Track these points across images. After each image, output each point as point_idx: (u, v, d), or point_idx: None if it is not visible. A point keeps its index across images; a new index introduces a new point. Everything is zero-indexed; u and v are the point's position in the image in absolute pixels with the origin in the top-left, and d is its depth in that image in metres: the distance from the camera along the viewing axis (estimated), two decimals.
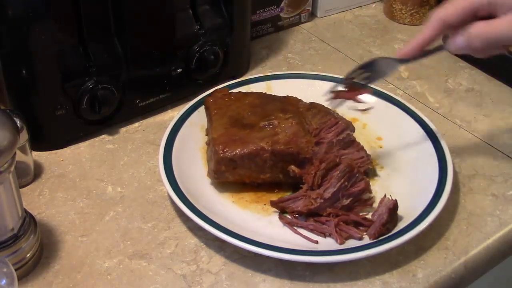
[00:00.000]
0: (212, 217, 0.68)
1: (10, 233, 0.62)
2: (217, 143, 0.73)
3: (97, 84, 0.78)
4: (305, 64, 1.00)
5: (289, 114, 0.77)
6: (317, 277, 0.66)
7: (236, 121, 0.77)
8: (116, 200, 0.75)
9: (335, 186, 0.70)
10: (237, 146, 0.73)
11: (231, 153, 0.72)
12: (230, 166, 0.72)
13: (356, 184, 0.70)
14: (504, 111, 0.91)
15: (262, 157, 0.72)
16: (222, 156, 0.72)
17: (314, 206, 0.70)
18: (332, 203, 0.70)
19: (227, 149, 0.72)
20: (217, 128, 0.76)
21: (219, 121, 0.77)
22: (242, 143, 0.73)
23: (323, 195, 0.70)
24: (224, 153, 0.72)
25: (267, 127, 0.75)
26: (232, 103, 0.80)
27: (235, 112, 0.78)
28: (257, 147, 0.72)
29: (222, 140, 0.74)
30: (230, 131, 0.75)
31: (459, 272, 0.68)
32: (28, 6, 0.71)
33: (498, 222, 0.73)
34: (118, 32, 0.80)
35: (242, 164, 0.72)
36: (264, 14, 1.04)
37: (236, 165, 0.72)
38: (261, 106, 0.80)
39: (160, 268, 0.66)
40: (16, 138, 0.59)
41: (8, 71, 0.76)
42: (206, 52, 0.87)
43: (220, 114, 0.78)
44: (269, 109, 0.79)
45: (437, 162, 0.75)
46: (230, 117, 0.78)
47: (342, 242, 0.67)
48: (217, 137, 0.74)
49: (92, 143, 0.83)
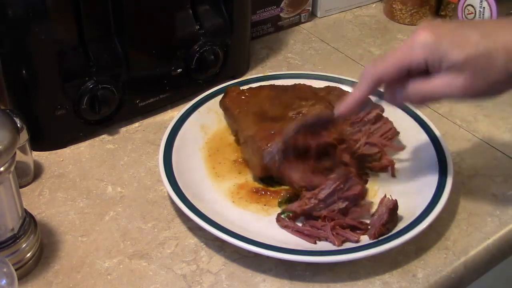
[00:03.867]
0: (212, 217, 0.68)
1: (10, 233, 0.62)
2: (258, 139, 0.74)
3: (97, 84, 0.79)
4: (305, 64, 1.00)
5: (311, 100, 0.78)
6: (317, 277, 0.66)
7: (262, 116, 0.78)
8: (116, 200, 0.75)
9: (330, 188, 0.70)
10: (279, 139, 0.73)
11: (276, 146, 0.72)
12: (276, 161, 0.72)
13: (352, 188, 0.70)
14: (504, 111, 0.91)
15: (307, 145, 0.72)
16: (268, 151, 0.72)
17: (308, 206, 0.70)
18: (327, 206, 0.70)
19: (270, 143, 0.73)
20: (248, 126, 0.77)
21: (246, 118, 0.78)
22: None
23: (317, 195, 0.70)
24: (269, 147, 0.72)
25: (298, 117, 0.76)
26: (250, 99, 0.81)
27: (257, 107, 0.79)
28: None
29: (262, 136, 0.74)
30: (264, 126, 0.75)
31: (459, 272, 0.68)
32: (28, 6, 0.71)
33: (498, 222, 0.73)
34: (118, 32, 0.80)
35: (288, 157, 0.72)
36: (264, 14, 1.04)
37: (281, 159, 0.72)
38: (278, 97, 0.81)
39: (160, 268, 0.66)
40: (16, 138, 0.59)
41: (8, 71, 0.76)
42: (206, 52, 0.87)
43: (243, 112, 0.79)
44: (287, 99, 0.80)
45: (437, 162, 0.75)
46: (254, 113, 0.78)
47: (339, 244, 0.67)
48: (255, 134, 0.75)
49: (92, 143, 0.83)
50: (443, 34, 0.60)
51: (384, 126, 0.78)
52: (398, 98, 0.65)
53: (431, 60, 0.61)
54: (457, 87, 0.60)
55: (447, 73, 0.60)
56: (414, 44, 0.61)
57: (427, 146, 0.78)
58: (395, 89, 0.64)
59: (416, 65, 0.62)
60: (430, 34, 0.61)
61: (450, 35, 0.60)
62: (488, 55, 0.59)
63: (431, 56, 0.60)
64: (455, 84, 0.60)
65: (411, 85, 0.63)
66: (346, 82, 0.88)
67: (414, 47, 0.61)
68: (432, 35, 0.61)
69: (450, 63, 0.60)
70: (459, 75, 0.60)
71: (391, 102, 0.67)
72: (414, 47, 0.61)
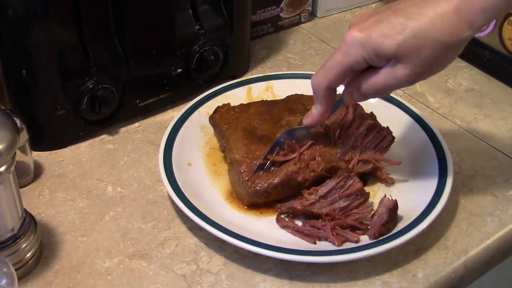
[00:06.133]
0: (212, 217, 0.68)
1: (10, 233, 0.62)
2: (244, 169, 0.72)
3: (97, 84, 0.78)
4: (305, 64, 1.00)
5: (298, 114, 0.77)
6: (317, 277, 0.66)
7: (251, 133, 0.76)
8: (116, 200, 0.75)
9: (331, 185, 0.70)
10: (268, 175, 0.71)
11: (264, 186, 0.71)
12: (263, 196, 0.71)
13: (353, 186, 0.70)
14: (504, 111, 0.91)
15: (295, 180, 0.71)
16: (255, 189, 0.71)
17: (308, 202, 0.70)
18: (328, 204, 0.70)
19: (257, 181, 0.71)
20: (235, 145, 0.75)
21: (234, 136, 0.76)
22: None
23: (318, 191, 0.70)
24: (255, 185, 0.71)
25: None
26: (239, 115, 0.79)
27: (246, 123, 0.78)
28: (287, 172, 0.71)
29: (247, 165, 0.72)
30: (251, 149, 0.74)
31: (459, 272, 0.68)
32: (28, 6, 0.71)
33: (498, 222, 0.73)
34: (118, 32, 0.80)
35: (276, 191, 0.71)
36: (264, 14, 1.04)
37: (270, 194, 0.71)
38: (268, 112, 0.79)
39: (160, 268, 0.66)
40: (16, 138, 0.59)
41: (8, 71, 0.76)
42: (206, 52, 0.87)
43: (232, 129, 0.77)
44: (276, 112, 0.79)
45: (437, 162, 0.75)
46: (243, 129, 0.77)
47: (339, 244, 0.67)
48: (241, 161, 0.72)
49: (92, 143, 0.83)
50: (370, 28, 0.60)
51: (377, 136, 0.75)
52: (355, 97, 0.66)
53: (368, 57, 0.61)
54: (402, 76, 0.60)
55: (389, 65, 0.61)
56: (347, 47, 0.62)
57: (427, 146, 0.78)
58: (351, 91, 0.65)
59: (357, 65, 0.62)
60: (359, 33, 0.61)
61: (376, 28, 0.60)
62: (417, 36, 0.58)
63: (367, 55, 0.61)
64: (398, 74, 0.60)
65: (362, 84, 0.63)
66: None
67: (348, 50, 0.62)
68: (360, 32, 0.60)
69: (385, 56, 0.60)
70: (398, 64, 0.60)
71: (349, 101, 0.68)
72: (348, 50, 0.62)
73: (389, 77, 0.61)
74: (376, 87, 0.63)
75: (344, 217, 0.69)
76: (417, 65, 0.60)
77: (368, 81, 0.63)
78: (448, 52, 0.60)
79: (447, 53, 0.60)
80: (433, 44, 0.59)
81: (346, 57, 0.62)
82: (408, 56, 0.59)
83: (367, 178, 0.76)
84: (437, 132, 0.79)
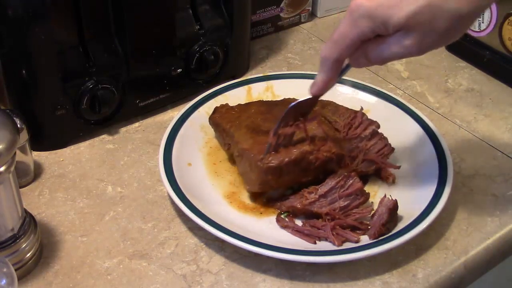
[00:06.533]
0: (212, 217, 0.68)
1: (10, 233, 0.62)
2: (255, 153, 0.71)
3: (97, 84, 0.79)
4: (305, 64, 1.00)
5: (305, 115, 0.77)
6: (317, 277, 0.66)
7: (256, 130, 0.75)
8: (116, 200, 0.75)
9: (331, 184, 0.70)
10: (280, 153, 0.71)
11: (277, 161, 0.70)
12: (276, 175, 0.71)
13: (353, 185, 0.70)
14: (504, 111, 0.91)
15: (308, 160, 0.71)
16: (268, 166, 0.70)
17: (308, 201, 0.70)
18: (328, 203, 0.70)
19: (271, 157, 0.71)
20: (242, 139, 0.74)
21: (239, 132, 0.75)
22: (283, 149, 0.72)
23: (318, 190, 0.70)
24: (269, 162, 0.70)
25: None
26: (240, 114, 0.79)
27: (249, 121, 0.77)
28: (302, 151, 0.71)
29: (258, 149, 0.72)
30: (259, 140, 0.73)
31: (459, 272, 0.68)
32: (28, 6, 0.71)
33: (498, 222, 0.73)
34: (118, 32, 0.80)
35: (288, 170, 0.71)
36: (264, 14, 1.04)
37: (282, 173, 0.71)
38: (269, 112, 0.79)
39: (160, 268, 0.66)
40: (16, 138, 0.59)
41: (8, 71, 0.76)
42: (206, 52, 0.87)
43: (236, 126, 0.77)
44: (277, 112, 0.78)
45: (437, 162, 0.75)
46: (247, 127, 0.76)
47: (339, 244, 0.67)
48: (250, 148, 0.72)
49: (92, 143, 0.83)
50: None
51: (379, 143, 0.76)
52: (361, 63, 0.64)
53: (376, 27, 0.59)
54: (410, 46, 0.59)
55: (397, 35, 0.59)
56: (354, 17, 0.60)
57: (427, 146, 0.78)
58: (357, 56, 0.64)
59: (365, 36, 0.61)
60: (366, 2, 0.59)
61: None
62: (431, 7, 0.57)
63: (374, 25, 0.59)
64: (407, 44, 0.59)
65: (370, 51, 0.62)
66: (347, 82, 0.88)
67: (356, 21, 0.60)
68: (367, 1, 0.59)
69: (394, 26, 0.58)
70: (408, 35, 0.58)
71: (356, 66, 0.66)
72: (356, 21, 0.60)
73: (397, 46, 0.60)
74: (383, 56, 0.61)
75: (344, 217, 0.69)
76: (428, 36, 0.58)
77: (376, 49, 0.61)
78: (461, 24, 0.59)
79: (460, 24, 0.59)
80: (447, 15, 0.57)
81: (354, 28, 0.61)
82: (419, 27, 0.58)
83: (367, 178, 0.76)
84: (437, 132, 0.79)
